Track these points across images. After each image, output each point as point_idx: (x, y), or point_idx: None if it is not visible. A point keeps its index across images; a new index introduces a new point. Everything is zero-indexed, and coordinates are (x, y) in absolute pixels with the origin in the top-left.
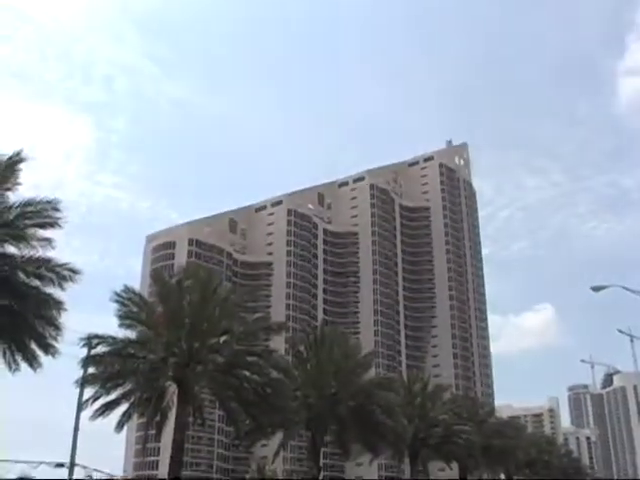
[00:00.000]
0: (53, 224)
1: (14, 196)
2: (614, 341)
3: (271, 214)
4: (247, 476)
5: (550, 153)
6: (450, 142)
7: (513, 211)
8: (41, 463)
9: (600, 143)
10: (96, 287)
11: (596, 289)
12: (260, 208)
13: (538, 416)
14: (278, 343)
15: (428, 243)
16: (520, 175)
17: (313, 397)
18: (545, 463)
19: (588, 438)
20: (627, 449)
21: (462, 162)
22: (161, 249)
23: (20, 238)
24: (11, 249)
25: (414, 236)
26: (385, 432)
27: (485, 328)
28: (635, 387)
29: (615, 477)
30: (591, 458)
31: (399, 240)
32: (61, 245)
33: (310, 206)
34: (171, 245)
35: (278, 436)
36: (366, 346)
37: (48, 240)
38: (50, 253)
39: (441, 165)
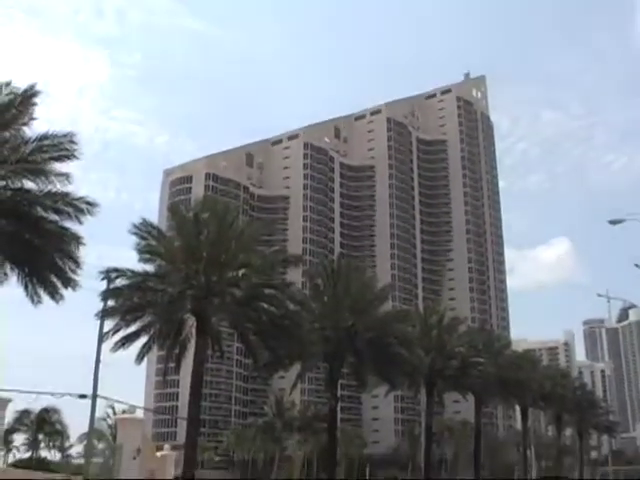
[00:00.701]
0: (70, 157)
1: (30, 131)
2: (631, 276)
3: (287, 148)
4: (265, 407)
5: (569, 86)
6: (468, 75)
7: (530, 144)
8: (65, 394)
9: (620, 75)
10: (113, 222)
11: (614, 222)
12: (277, 142)
13: (553, 350)
14: (295, 276)
15: (445, 176)
16: (538, 108)
17: (330, 329)
18: (560, 396)
19: (602, 372)
20: None
21: (480, 95)
22: (178, 183)
23: (37, 172)
24: (29, 184)
25: (431, 169)
26: (401, 364)
27: (502, 262)
28: None
29: (629, 411)
30: (605, 392)
31: (416, 173)
32: (78, 180)
33: (326, 139)
34: (188, 179)
35: (296, 368)
36: (382, 279)
37: (65, 174)
38: (67, 188)
39: (459, 98)
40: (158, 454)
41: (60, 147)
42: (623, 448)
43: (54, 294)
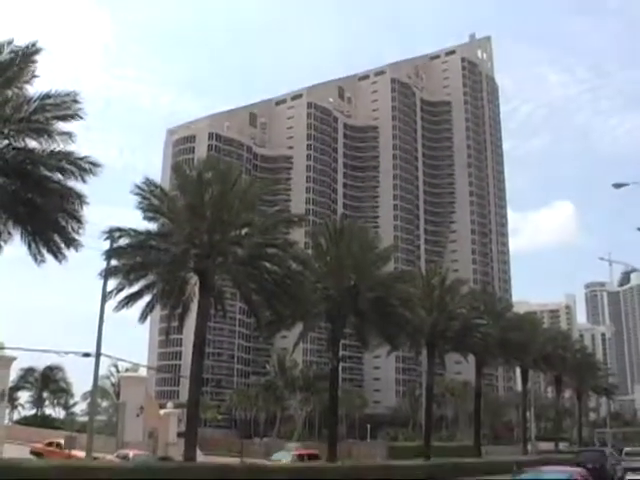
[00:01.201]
0: (73, 116)
1: (32, 90)
2: (634, 240)
3: (291, 107)
4: (267, 366)
5: (576, 49)
6: (473, 36)
7: (535, 107)
8: (69, 353)
9: (628, 39)
10: (117, 182)
11: (617, 186)
12: (280, 101)
13: (554, 312)
14: (298, 236)
15: (449, 138)
16: (544, 71)
17: (332, 289)
18: (560, 358)
19: (603, 335)
20: None
21: (485, 56)
22: (181, 143)
23: (41, 131)
24: (32, 143)
25: (435, 131)
26: (403, 324)
27: (504, 224)
28: None
29: (628, 374)
30: (604, 355)
31: (419, 135)
32: (80, 139)
33: (330, 100)
34: (191, 139)
35: (298, 328)
36: (385, 240)
37: (68, 133)
38: (70, 147)
39: (463, 59)
40: (161, 412)
41: (63, 106)
42: (621, 410)
43: (57, 254)
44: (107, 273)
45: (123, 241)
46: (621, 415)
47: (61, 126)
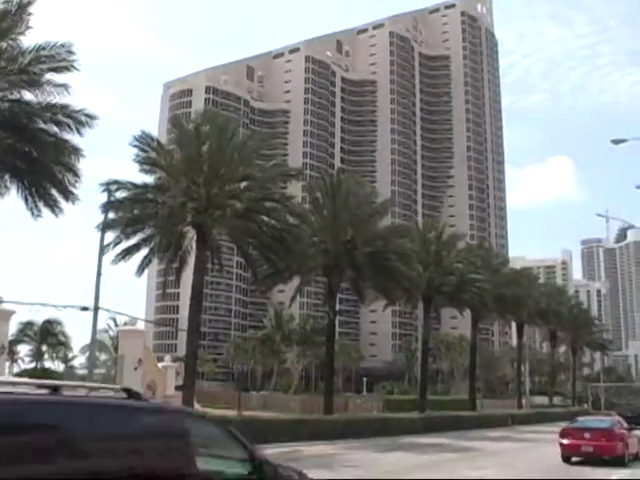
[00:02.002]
0: (69, 67)
1: (27, 41)
2: (631, 197)
3: (289, 61)
4: (264, 320)
5: (576, 3)
6: None
7: (534, 62)
8: (67, 307)
9: None
10: (113, 137)
11: (616, 142)
12: (278, 55)
13: (550, 268)
14: (295, 191)
15: (447, 92)
16: (544, 25)
17: (329, 243)
18: (555, 313)
19: (598, 291)
20: (635, 304)
21: (484, 10)
22: (178, 97)
23: (36, 84)
24: (27, 95)
25: (433, 85)
26: (400, 278)
27: (502, 180)
28: None
29: (622, 330)
30: (600, 310)
31: (418, 89)
32: (75, 93)
33: (328, 53)
34: (188, 93)
35: (295, 282)
36: (382, 195)
37: (64, 86)
38: (65, 100)
39: (463, 13)
40: (159, 365)
41: (58, 58)
42: (615, 365)
43: (54, 207)
44: (104, 226)
45: (120, 194)
46: (614, 370)
47: (56, 77)
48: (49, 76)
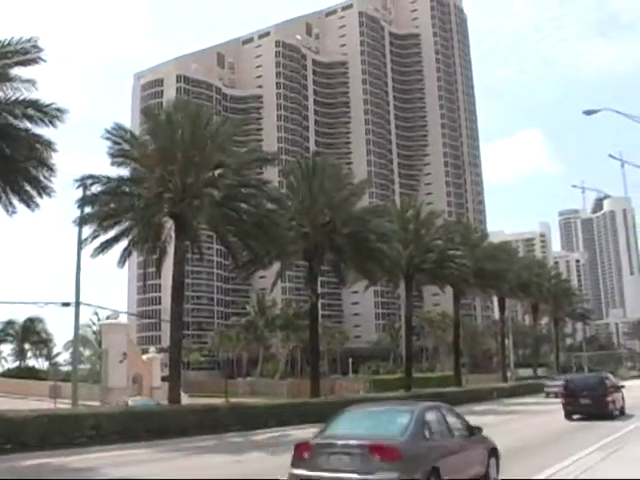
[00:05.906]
0: (36, 60)
1: None
2: (605, 167)
3: (259, 46)
4: (247, 307)
5: None
6: None
7: (501, 36)
8: (48, 303)
9: None
10: (83, 131)
11: (588, 113)
12: (247, 40)
13: (529, 241)
14: (272, 175)
15: (419, 71)
16: None
17: (308, 226)
18: (536, 285)
19: (577, 262)
20: (614, 273)
21: None
22: (149, 87)
23: (3, 78)
24: None
25: (404, 64)
26: (380, 258)
27: (477, 155)
28: (624, 211)
29: (602, 299)
30: (579, 281)
31: (389, 68)
32: (43, 88)
33: (298, 37)
34: (159, 82)
35: (275, 267)
36: (359, 176)
37: (31, 80)
38: (34, 95)
39: None
40: (144, 357)
41: (24, 51)
42: (597, 334)
43: (29, 203)
44: (81, 221)
45: (96, 188)
46: (596, 339)
47: (24, 71)
48: (17, 71)
